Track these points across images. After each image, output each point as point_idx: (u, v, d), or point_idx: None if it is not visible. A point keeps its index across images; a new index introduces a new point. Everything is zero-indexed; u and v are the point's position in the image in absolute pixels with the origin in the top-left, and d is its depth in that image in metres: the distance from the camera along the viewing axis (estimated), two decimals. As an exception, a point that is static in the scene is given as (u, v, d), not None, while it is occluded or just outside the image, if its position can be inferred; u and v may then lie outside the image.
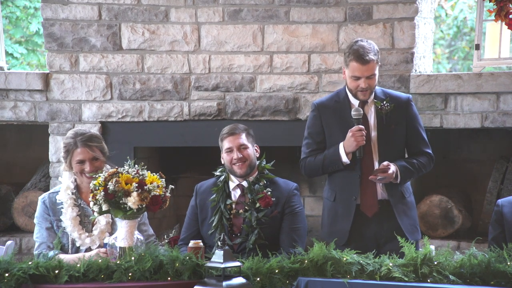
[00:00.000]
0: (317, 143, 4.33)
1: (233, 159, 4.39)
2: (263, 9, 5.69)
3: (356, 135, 4.13)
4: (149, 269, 3.46)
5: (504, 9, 5.40)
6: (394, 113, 4.24)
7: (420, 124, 4.33)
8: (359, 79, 4.16)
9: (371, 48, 4.18)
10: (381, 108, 4.21)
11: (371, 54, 4.14)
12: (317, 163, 4.30)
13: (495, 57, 5.71)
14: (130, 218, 3.67)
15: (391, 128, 4.23)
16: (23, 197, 6.04)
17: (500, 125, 5.51)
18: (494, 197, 5.68)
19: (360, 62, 4.14)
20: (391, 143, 4.24)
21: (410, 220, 4.24)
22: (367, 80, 4.17)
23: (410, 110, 4.31)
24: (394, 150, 4.25)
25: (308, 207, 6.34)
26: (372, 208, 4.21)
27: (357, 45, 4.18)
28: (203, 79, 5.75)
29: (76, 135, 4.16)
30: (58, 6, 5.78)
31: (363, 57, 4.13)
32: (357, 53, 4.14)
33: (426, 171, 4.33)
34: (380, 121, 4.23)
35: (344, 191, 4.27)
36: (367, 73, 4.16)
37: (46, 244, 4.09)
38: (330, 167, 4.26)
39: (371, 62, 4.14)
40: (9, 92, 5.85)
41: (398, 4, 5.59)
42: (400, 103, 4.27)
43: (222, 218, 4.39)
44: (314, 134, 4.35)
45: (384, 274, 3.38)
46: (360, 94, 4.21)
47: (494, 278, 3.36)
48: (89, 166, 4.09)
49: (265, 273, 3.44)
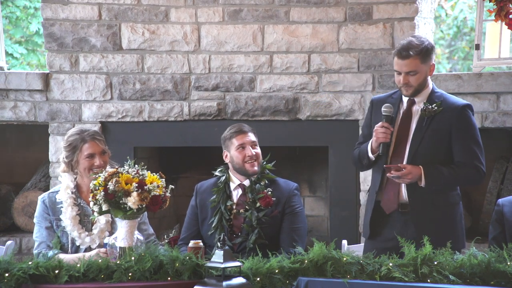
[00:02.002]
0: (364, 136, 4.29)
1: (247, 156, 4.38)
2: (263, 9, 5.69)
3: (378, 132, 4.04)
4: (149, 269, 3.45)
5: (504, 9, 5.40)
6: (440, 118, 4.07)
7: (471, 134, 4.08)
8: (399, 74, 4.07)
9: (419, 46, 4.04)
10: (425, 109, 4.08)
11: (413, 51, 4.02)
12: (355, 155, 4.30)
13: (495, 57, 5.71)
14: (130, 218, 3.68)
15: (429, 131, 4.07)
16: (23, 197, 6.04)
17: (500, 125, 5.52)
18: (494, 197, 5.68)
19: (399, 57, 4.05)
20: (425, 146, 4.07)
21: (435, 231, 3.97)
22: (407, 76, 4.04)
23: (461, 118, 4.08)
24: (428, 153, 4.06)
25: (308, 207, 6.35)
26: (391, 205, 4.10)
27: (407, 39, 4.09)
28: (203, 79, 5.75)
29: (82, 131, 4.20)
30: (58, 6, 5.78)
31: (402, 52, 4.03)
32: (400, 47, 4.06)
33: (469, 184, 4.15)
34: (421, 123, 4.10)
35: (372, 185, 4.24)
36: (406, 69, 4.04)
37: (46, 244, 4.09)
38: (362, 160, 4.21)
39: (411, 58, 4.02)
40: (9, 92, 5.85)
41: (398, 4, 5.59)
42: (451, 109, 4.09)
43: (222, 219, 4.39)
44: (364, 128, 4.32)
45: (384, 274, 3.38)
46: (403, 89, 4.10)
47: (494, 278, 3.35)
48: (99, 160, 4.11)
49: (265, 273, 3.44)
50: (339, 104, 5.66)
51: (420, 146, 4.07)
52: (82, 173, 4.16)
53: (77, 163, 4.15)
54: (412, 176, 3.99)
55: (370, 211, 4.18)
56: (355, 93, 5.65)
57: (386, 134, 4.04)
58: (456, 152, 4.07)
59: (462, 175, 4.06)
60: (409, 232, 3.98)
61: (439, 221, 4.07)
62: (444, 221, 4.08)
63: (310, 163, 6.31)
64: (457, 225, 4.12)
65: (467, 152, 4.06)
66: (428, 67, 4.09)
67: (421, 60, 4.04)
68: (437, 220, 4.07)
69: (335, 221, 5.69)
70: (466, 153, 4.06)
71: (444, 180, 4.04)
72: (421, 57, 4.04)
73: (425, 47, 4.06)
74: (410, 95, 4.12)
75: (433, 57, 4.13)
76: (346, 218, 5.67)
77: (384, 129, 4.04)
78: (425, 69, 4.08)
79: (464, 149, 4.06)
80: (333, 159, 5.70)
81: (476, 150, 4.07)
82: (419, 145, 4.07)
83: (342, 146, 5.67)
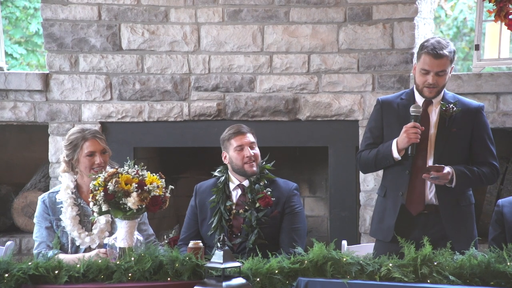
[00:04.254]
0: (374, 138, 4.22)
1: (245, 157, 4.38)
2: (263, 9, 5.69)
3: (409, 132, 3.99)
4: (149, 270, 3.45)
5: (504, 9, 5.40)
6: (460, 118, 4.08)
7: (488, 134, 4.13)
8: (428, 73, 4.03)
9: (448, 46, 4.04)
10: (446, 110, 4.06)
11: (446, 50, 4.01)
12: (370, 157, 4.18)
13: (495, 57, 5.71)
14: (130, 219, 3.68)
15: (452, 131, 4.06)
16: (22, 197, 6.04)
17: (500, 126, 5.52)
18: (494, 198, 5.68)
19: (433, 55, 4.00)
20: (450, 146, 4.07)
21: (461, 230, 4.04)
22: (436, 76, 4.03)
23: (479, 118, 4.12)
24: (453, 154, 4.07)
25: (308, 207, 6.35)
26: (417, 206, 4.07)
27: (434, 39, 4.06)
28: (203, 79, 5.75)
29: (83, 130, 4.22)
30: (58, 7, 5.78)
31: (437, 51, 3.99)
32: (432, 46, 4.01)
33: (488, 183, 4.14)
34: (442, 123, 4.08)
35: (393, 187, 4.15)
36: (438, 68, 4.01)
37: (46, 244, 4.10)
38: (382, 162, 4.14)
39: (444, 57, 4.00)
40: (9, 93, 5.85)
41: (397, 5, 5.59)
42: (469, 110, 4.11)
43: (222, 220, 4.39)
44: (373, 129, 4.24)
45: (384, 274, 3.38)
46: (426, 90, 4.07)
47: (494, 278, 3.36)
48: (100, 158, 4.12)
49: (265, 273, 3.44)
50: (339, 104, 5.66)
51: (446, 146, 4.06)
52: (83, 172, 4.16)
53: (77, 162, 4.15)
54: (450, 176, 3.98)
55: (393, 213, 4.11)
56: (355, 94, 5.65)
57: (417, 134, 4.00)
58: (477, 153, 4.11)
59: (485, 175, 4.09)
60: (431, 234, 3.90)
61: (463, 221, 4.08)
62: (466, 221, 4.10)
63: (310, 163, 6.32)
64: (474, 224, 4.15)
65: (487, 152, 4.11)
66: (451, 69, 4.11)
67: (450, 61, 4.05)
68: (462, 220, 4.08)
69: (335, 221, 5.69)
70: (486, 153, 4.11)
71: (470, 180, 4.05)
72: (452, 58, 4.05)
73: (453, 50, 4.08)
74: (433, 96, 4.09)
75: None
76: (346, 218, 5.67)
77: (416, 130, 4.00)
78: (450, 70, 4.09)
79: (485, 149, 4.11)
80: (333, 159, 5.70)
81: (493, 150, 4.14)
82: (445, 146, 4.06)
83: (342, 146, 5.68)
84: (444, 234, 4.00)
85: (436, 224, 4.05)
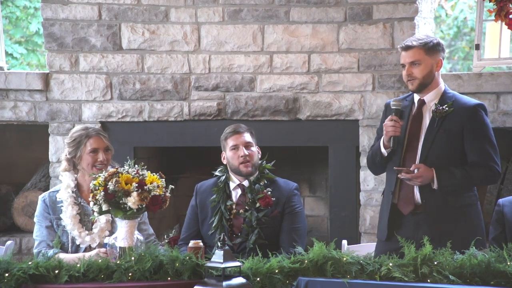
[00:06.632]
0: (378, 139, 4.24)
1: (240, 157, 4.38)
2: (263, 9, 5.69)
3: (387, 125, 4.03)
4: (149, 269, 3.45)
5: (504, 9, 5.40)
6: (451, 118, 4.04)
7: (483, 134, 4.04)
8: (404, 67, 4.07)
9: (423, 39, 4.07)
10: (436, 110, 4.05)
11: (416, 42, 4.04)
12: (368, 155, 4.28)
13: (495, 57, 5.71)
14: (130, 218, 3.68)
15: (440, 132, 4.04)
16: (23, 197, 6.04)
17: (500, 125, 5.51)
18: (494, 197, 5.68)
19: (403, 48, 4.07)
20: (436, 147, 4.03)
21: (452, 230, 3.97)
22: (410, 67, 4.04)
23: (473, 118, 4.04)
24: (440, 155, 4.03)
25: (308, 207, 6.35)
26: (407, 206, 4.07)
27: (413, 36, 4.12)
28: (203, 79, 5.75)
29: (87, 127, 4.25)
30: (58, 6, 5.78)
31: (406, 43, 4.06)
32: (404, 41, 4.10)
33: (483, 184, 4.09)
34: (432, 123, 4.06)
35: (387, 186, 4.19)
36: (409, 59, 4.03)
37: (46, 243, 4.10)
38: (374, 159, 4.17)
39: (414, 48, 4.03)
40: (9, 92, 5.85)
41: (398, 4, 5.59)
42: (463, 109, 4.05)
43: (222, 219, 4.39)
44: (379, 130, 4.26)
45: (384, 274, 3.38)
46: (409, 83, 4.09)
47: (494, 278, 3.35)
48: (103, 156, 4.12)
49: (265, 273, 3.43)
50: (339, 104, 5.66)
51: (432, 146, 4.04)
52: (85, 170, 4.16)
53: (80, 159, 4.16)
54: (423, 179, 3.97)
55: (386, 212, 4.13)
56: (355, 93, 5.65)
57: (395, 127, 4.02)
58: (469, 153, 4.05)
59: (476, 175, 4.03)
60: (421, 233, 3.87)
61: (454, 222, 4.03)
62: (460, 222, 4.04)
63: (310, 163, 6.31)
64: (476, 225, 4.08)
65: (480, 152, 4.03)
66: (434, 61, 4.07)
67: (425, 52, 4.04)
68: (452, 221, 4.03)
69: (335, 221, 5.69)
70: (479, 153, 4.03)
71: (457, 181, 4.00)
72: (425, 49, 4.04)
73: (430, 41, 4.07)
74: (415, 89, 4.08)
75: (441, 53, 4.11)
76: (346, 218, 5.67)
77: (393, 122, 4.02)
78: (431, 62, 4.06)
79: (477, 149, 4.03)
80: (333, 159, 5.70)
81: (490, 150, 4.05)
82: (431, 146, 4.04)
83: (342, 146, 5.68)
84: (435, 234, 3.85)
85: (425, 224, 4.02)
